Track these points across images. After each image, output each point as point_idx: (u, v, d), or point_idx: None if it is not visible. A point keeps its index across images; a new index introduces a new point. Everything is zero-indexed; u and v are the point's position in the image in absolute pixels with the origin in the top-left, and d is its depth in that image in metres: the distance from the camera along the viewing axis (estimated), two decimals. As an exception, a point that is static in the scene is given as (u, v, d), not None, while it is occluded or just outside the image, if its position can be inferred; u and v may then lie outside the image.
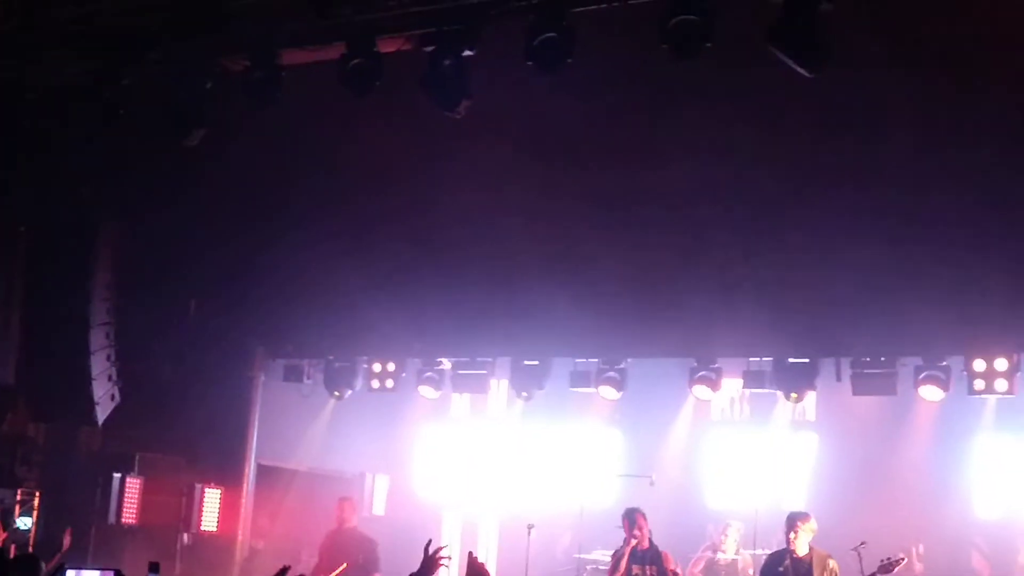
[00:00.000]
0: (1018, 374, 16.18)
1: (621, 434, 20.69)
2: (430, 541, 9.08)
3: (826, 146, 14.63)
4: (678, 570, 15.74)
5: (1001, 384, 16.18)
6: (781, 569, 14.85)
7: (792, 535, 14.80)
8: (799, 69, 11.01)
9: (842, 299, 15.60)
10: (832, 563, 14.76)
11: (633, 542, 15.46)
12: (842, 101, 13.77)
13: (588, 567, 17.91)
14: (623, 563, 15.48)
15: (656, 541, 15.60)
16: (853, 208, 14.93)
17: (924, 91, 13.49)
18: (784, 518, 15.08)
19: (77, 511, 18.04)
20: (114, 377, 17.89)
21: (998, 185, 14.22)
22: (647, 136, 15.12)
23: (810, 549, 14.79)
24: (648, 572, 15.44)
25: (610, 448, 20.70)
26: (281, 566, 9.47)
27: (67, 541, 15.86)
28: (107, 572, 10.14)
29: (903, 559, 14.98)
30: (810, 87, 11.65)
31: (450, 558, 9.13)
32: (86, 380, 17.47)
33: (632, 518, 15.55)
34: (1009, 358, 16.11)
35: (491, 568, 20.22)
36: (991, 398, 17.00)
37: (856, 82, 13.30)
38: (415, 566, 8.94)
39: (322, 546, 17.81)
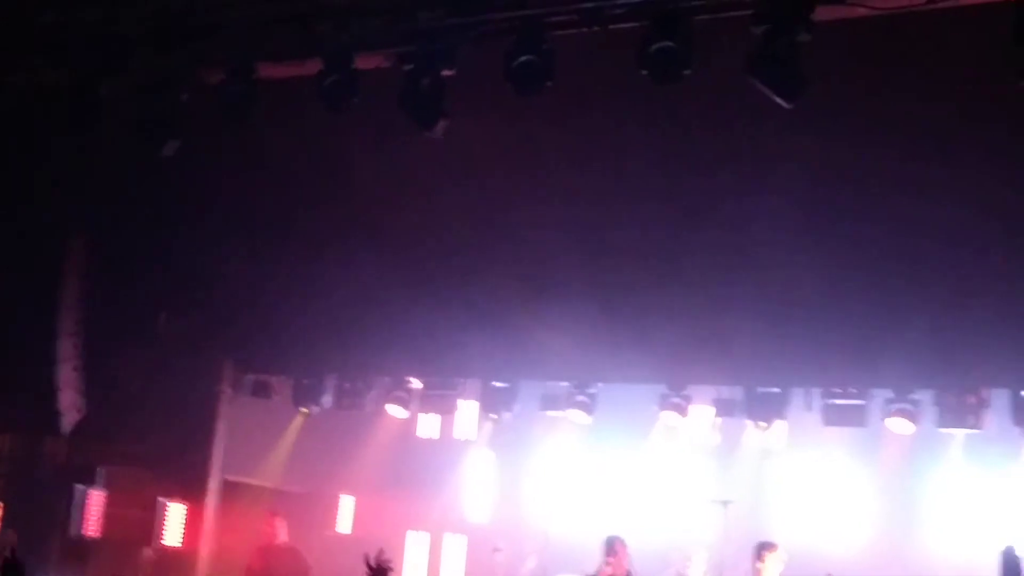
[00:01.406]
0: (986, 409, 16.20)
1: (590, 458, 20.62)
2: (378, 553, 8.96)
3: (801, 176, 14.60)
4: None
5: (970, 419, 16.21)
6: (750, 600, 14.83)
7: (760, 564, 14.77)
8: (776, 99, 11.01)
9: (814, 329, 15.57)
10: (801, 596, 14.75)
11: (607, 570, 15.40)
12: (822, 130, 13.77)
13: (553, 591, 17.86)
14: None
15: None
16: (827, 239, 14.92)
17: (905, 125, 13.52)
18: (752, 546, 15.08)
19: (40, 522, 17.90)
20: (80, 388, 17.78)
21: (973, 222, 14.21)
22: (621, 160, 15.09)
23: (780, 581, 14.77)
24: None
25: (580, 472, 20.62)
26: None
27: (14, 540, 15.75)
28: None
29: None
30: (787, 117, 11.65)
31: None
32: (52, 390, 17.37)
33: (611, 545, 15.50)
34: (978, 393, 16.14)
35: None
36: (959, 432, 17.04)
37: (839, 114, 13.32)
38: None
39: (251, 565, 17.64)
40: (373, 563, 8.87)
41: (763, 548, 14.91)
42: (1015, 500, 17.77)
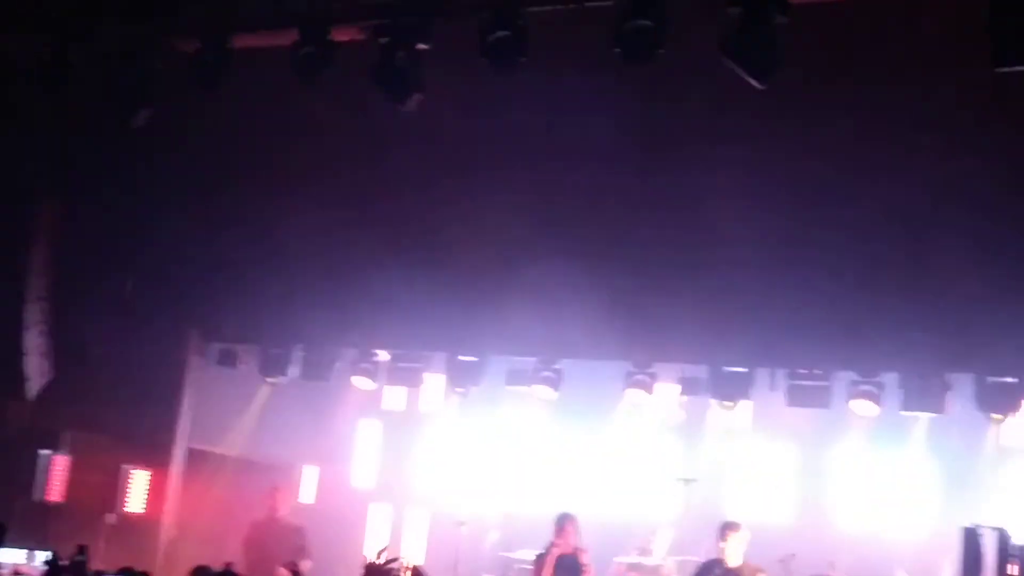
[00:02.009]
0: (948, 393, 16.32)
1: (555, 434, 20.69)
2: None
3: (770, 157, 14.66)
4: None
5: (933, 403, 16.32)
6: (711, 578, 14.90)
7: (723, 544, 14.84)
8: (749, 79, 11.05)
9: (781, 310, 15.64)
10: (763, 576, 14.84)
11: (556, 551, 15.46)
12: (794, 110, 13.81)
13: (515, 566, 17.90)
14: (547, 569, 15.49)
15: (589, 546, 15.60)
16: (794, 221, 14.98)
17: (876, 102, 13.59)
18: (715, 526, 15.16)
19: (2, 485, 17.84)
20: (47, 353, 17.73)
21: (940, 207, 14.29)
22: (590, 136, 15.10)
23: (743, 561, 14.83)
24: None
25: (545, 447, 20.68)
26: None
27: None
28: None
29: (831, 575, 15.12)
30: (756, 97, 11.70)
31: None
32: (18, 354, 17.31)
33: (560, 524, 15.55)
34: (942, 377, 16.25)
35: (418, 562, 20.27)
36: (923, 415, 17.17)
37: (811, 95, 13.38)
38: (340, 554, 8.85)
39: (249, 538, 17.65)
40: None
41: (727, 528, 14.97)
42: (977, 483, 17.93)
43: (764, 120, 14.07)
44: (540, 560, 15.61)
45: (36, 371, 17.55)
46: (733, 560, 14.81)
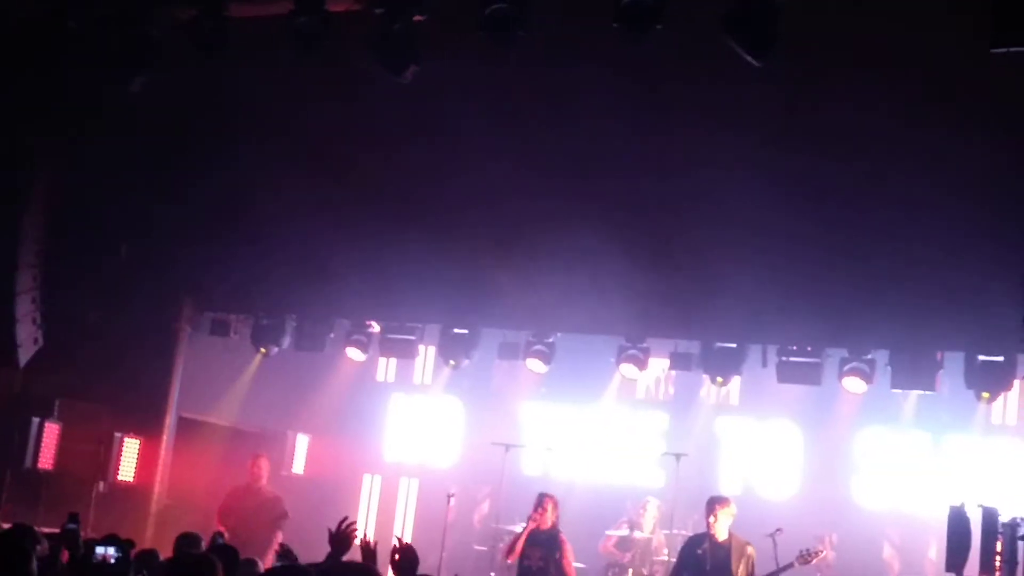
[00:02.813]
0: (940, 371, 16.37)
1: (546, 408, 20.74)
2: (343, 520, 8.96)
3: (764, 135, 14.67)
4: (567, 560, 15.72)
5: (924, 381, 16.37)
6: (699, 552, 14.96)
7: (712, 519, 14.94)
8: (748, 57, 11.09)
9: (773, 287, 15.66)
10: (751, 550, 14.91)
11: (531, 525, 15.61)
12: (787, 94, 13.84)
13: (505, 537, 17.96)
14: (519, 543, 15.68)
15: (580, 518, 15.73)
16: (787, 199, 14.99)
17: (870, 84, 13.62)
18: (705, 501, 15.23)
19: (-7, 453, 17.85)
20: (38, 320, 17.68)
21: (932, 187, 14.31)
22: (588, 112, 15.10)
23: (730, 535, 14.92)
24: (536, 555, 15.54)
25: (535, 421, 20.74)
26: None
27: None
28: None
29: (821, 551, 15.20)
30: (755, 74, 11.73)
31: (354, 524, 8.99)
32: (9, 322, 17.26)
33: (540, 501, 15.71)
34: (932, 356, 16.30)
35: (408, 533, 20.36)
36: (913, 393, 17.25)
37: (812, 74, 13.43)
38: (331, 523, 8.86)
39: (226, 505, 17.78)
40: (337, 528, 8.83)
41: (715, 502, 15.06)
42: (965, 461, 18.02)
43: (758, 101, 14.10)
44: (518, 533, 15.83)
45: (27, 338, 17.48)
46: (721, 534, 14.91)
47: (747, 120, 14.55)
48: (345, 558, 8.60)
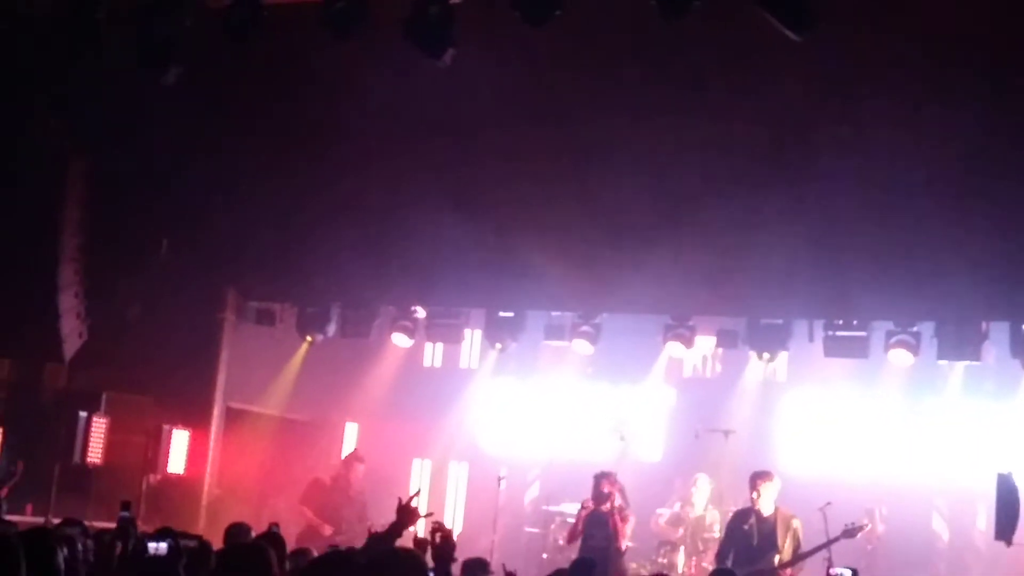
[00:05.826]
0: (986, 342, 16.26)
1: (594, 389, 20.66)
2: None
3: (800, 112, 14.54)
4: (624, 534, 15.62)
5: (969, 351, 16.27)
6: (746, 527, 14.96)
7: (755, 494, 14.92)
8: (787, 32, 10.99)
9: (817, 262, 15.58)
10: (796, 523, 14.86)
11: (590, 505, 15.56)
12: (822, 68, 13.71)
13: (556, 519, 17.95)
14: (580, 524, 15.61)
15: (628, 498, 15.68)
16: (828, 174, 14.89)
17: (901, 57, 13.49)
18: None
19: (41, 448, 17.87)
20: (82, 314, 17.74)
21: (969, 154, 14.17)
22: (625, 90, 14.99)
23: (775, 508, 14.89)
24: (600, 535, 15.46)
25: (583, 402, 20.67)
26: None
27: (20, 470, 15.83)
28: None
29: (867, 524, 15.13)
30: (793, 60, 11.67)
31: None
32: (54, 316, 17.32)
33: (597, 481, 15.64)
34: (978, 326, 16.20)
35: (459, 516, 20.39)
36: (959, 364, 17.13)
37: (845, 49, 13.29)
38: (383, 510, 8.89)
39: (311, 496, 17.85)
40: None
41: (757, 477, 15.02)
42: (1012, 430, 17.88)
43: (793, 78, 13.95)
44: (579, 513, 15.77)
45: (72, 332, 17.54)
46: (766, 508, 14.88)
47: (783, 91, 14.39)
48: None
